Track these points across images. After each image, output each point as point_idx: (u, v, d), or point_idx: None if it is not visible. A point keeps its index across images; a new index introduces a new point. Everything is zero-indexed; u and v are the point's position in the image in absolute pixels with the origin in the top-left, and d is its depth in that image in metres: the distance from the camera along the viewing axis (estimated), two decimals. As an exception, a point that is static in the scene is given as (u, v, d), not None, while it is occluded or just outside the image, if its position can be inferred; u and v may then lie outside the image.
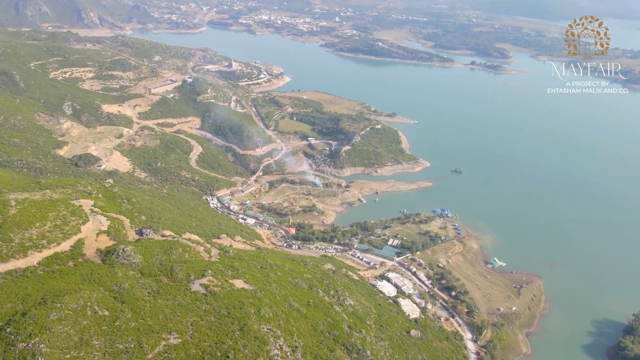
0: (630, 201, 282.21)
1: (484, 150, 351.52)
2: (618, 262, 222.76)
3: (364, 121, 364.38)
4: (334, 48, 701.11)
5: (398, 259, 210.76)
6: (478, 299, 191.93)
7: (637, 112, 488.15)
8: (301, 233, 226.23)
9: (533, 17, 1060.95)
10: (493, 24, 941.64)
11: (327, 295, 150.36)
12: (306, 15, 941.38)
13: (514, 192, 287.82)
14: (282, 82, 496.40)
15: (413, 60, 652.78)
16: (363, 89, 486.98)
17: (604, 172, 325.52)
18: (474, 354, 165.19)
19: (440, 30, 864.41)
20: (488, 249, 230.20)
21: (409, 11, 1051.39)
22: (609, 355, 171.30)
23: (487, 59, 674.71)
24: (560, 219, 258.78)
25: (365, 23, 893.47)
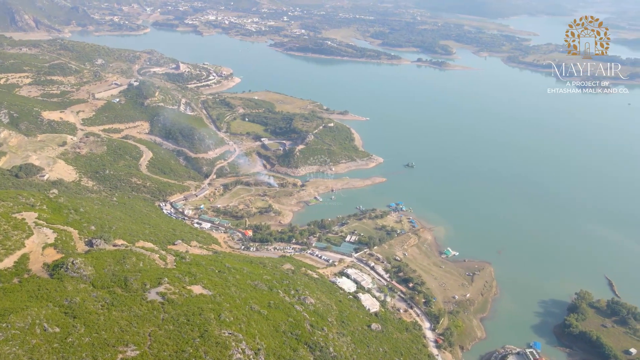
0: (569, 192, 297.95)
1: (434, 144, 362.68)
2: (560, 246, 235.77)
3: (316, 120, 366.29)
4: (283, 47, 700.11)
5: (356, 254, 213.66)
6: (434, 288, 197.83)
7: (578, 107, 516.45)
8: (258, 235, 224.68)
9: (473, 14, 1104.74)
10: (436, 22, 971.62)
11: (288, 295, 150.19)
12: (254, 15, 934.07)
13: (463, 184, 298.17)
14: (232, 83, 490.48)
15: (362, 58, 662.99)
16: (314, 88, 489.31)
17: (547, 165, 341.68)
18: (433, 342, 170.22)
19: (387, 28, 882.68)
20: (441, 239, 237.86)
21: (356, 10, 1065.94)
22: (556, 334, 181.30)
23: (433, 56, 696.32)
24: (506, 209, 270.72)
25: (313, 22, 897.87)
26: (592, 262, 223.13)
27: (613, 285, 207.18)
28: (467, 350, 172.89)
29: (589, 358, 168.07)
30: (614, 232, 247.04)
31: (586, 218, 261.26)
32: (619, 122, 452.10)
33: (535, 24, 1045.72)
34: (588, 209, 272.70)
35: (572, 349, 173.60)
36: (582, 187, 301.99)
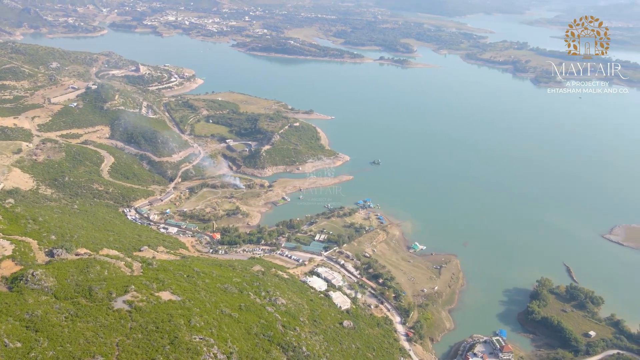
0: (528, 185, 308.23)
1: (399, 141, 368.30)
2: (521, 236, 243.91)
3: (282, 120, 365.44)
4: (245, 48, 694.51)
5: (326, 253, 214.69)
6: (403, 283, 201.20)
7: (533, 102, 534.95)
8: (227, 237, 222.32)
9: (431, 13, 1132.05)
10: (397, 21, 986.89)
11: (259, 297, 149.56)
12: (215, 16, 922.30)
13: (428, 180, 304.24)
14: (194, 85, 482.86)
15: (325, 58, 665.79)
16: (279, 88, 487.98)
17: (505, 159, 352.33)
18: (404, 335, 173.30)
19: (349, 27, 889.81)
20: (409, 234, 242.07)
21: (317, 9, 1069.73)
22: (520, 320, 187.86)
23: (394, 54, 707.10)
24: (470, 202, 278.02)
25: (275, 22, 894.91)
26: (551, 251, 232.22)
27: (571, 272, 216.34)
28: (437, 342, 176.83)
29: (551, 342, 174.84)
30: (569, 222, 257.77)
31: (543, 209, 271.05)
32: (571, 116, 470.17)
33: (490, 22, 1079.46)
34: (545, 201, 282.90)
35: (536, 334, 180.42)
36: (539, 179, 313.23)
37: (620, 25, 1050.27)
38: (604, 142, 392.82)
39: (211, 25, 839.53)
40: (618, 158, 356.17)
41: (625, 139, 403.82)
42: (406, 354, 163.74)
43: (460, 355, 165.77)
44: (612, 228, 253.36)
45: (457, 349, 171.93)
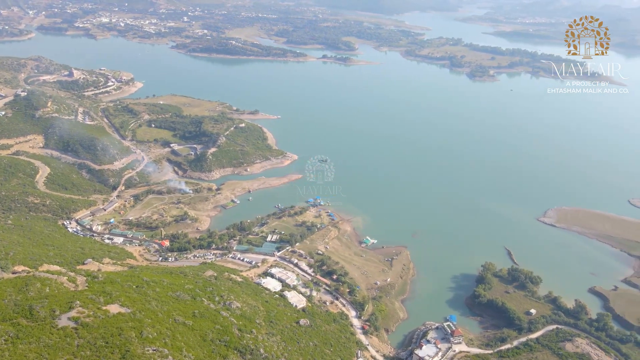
0: (469, 174, 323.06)
1: (346, 137, 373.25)
2: (465, 224, 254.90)
3: (227, 121, 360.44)
4: (186, 49, 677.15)
5: (279, 253, 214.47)
6: (357, 277, 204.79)
7: (470, 95, 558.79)
8: (176, 244, 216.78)
9: (370, 11, 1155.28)
10: (337, 19, 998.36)
11: (213, 302, 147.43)
12: (151, 16, 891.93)
13: (375, 174, 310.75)
14: (134, 89, 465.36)
15: (268, 57, 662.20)
16: (222, 89, 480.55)
17: (447, 150, 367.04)
18: (360, 329, 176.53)
19: (291, 26, 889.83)
20: (360, 229, 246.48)
21: (258, 9, 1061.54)
22: (467, 305, 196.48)
23: (337, 52, 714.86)
24: (416, 194, 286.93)
25: (215, 22, 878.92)
26: (493, 236, 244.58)
27: (512, 255, 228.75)
28: (392, 332, 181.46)
29: (498, 323, 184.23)
30: (507, 208, 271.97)
31: (484, 197, 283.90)
32: (504, 107, 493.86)
33: (426, 20, 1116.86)
34: (485, 190, 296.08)
35: (483, 316, 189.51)
36: (479, 170, 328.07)
37: (544, 20, 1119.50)
38: (534, 132, 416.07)
39: (148, 26, 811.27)
40: (547, 146, 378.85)
41: (553, 128, 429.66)
42: (363, 346, 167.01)
43: (415, 342, 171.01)
44: (546, 211, 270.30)
45: (411, 337, 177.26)
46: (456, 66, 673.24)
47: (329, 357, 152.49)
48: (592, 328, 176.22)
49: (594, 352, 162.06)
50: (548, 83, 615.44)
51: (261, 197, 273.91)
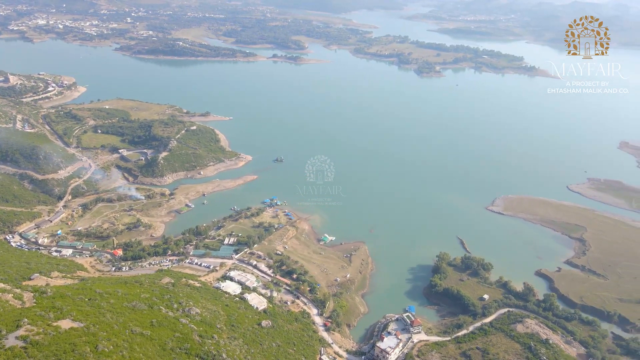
0: (420, 168, 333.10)
1: (300, 136, 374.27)
2: (419, 216, 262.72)
3: (177, 124, 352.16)
4: (131, 51, 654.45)
5: (237, 256, 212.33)
6: (317, 275, 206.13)
7: (418, 90, 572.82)
8: (130, 252, 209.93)
9: (319, 10, 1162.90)
10: (286, 18, 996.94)
11: (171, 310, 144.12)
12: (92, 18, 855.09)
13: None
14: (76, 94, 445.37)
15: (217, 58, 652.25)
16: (171, 92, 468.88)
17: (401, 144, 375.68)
18: (322, 326, 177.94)
19: (239, 26, 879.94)
20: (318, 227, 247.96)
21: (205, 8, 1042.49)
22: (425, 295, 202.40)
23: (287, 51, 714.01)
24: (371, 189, 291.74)
25: (161, 22, 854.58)
26: (446, 226, 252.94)
27: (464, 243, 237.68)
28: (354, 327, 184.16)
29: (454, 310, 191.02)
30: (458, 198, 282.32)
31: (436, 190, 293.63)
32: (451, 102, 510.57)
33: (373, 18, 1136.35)
34: (436, 182, 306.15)
35: (440, 305, 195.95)
36: (430, 162, 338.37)
37: (484, 18, 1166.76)
38: (480, 125, 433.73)
39: (89, 28, 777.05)
40: (492, 139, 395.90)
41: (496, 121, 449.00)
42: (326, 343, 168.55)
43: (376, 335, 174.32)
44: (494, 200, 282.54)
45: (372, 330, 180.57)
46: (404, 63, 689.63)
47: (293, 357, 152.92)
48: (540, 308, 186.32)
49: (543, 331, 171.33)
50: (490, 77, 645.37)
51: (216, 200, 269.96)
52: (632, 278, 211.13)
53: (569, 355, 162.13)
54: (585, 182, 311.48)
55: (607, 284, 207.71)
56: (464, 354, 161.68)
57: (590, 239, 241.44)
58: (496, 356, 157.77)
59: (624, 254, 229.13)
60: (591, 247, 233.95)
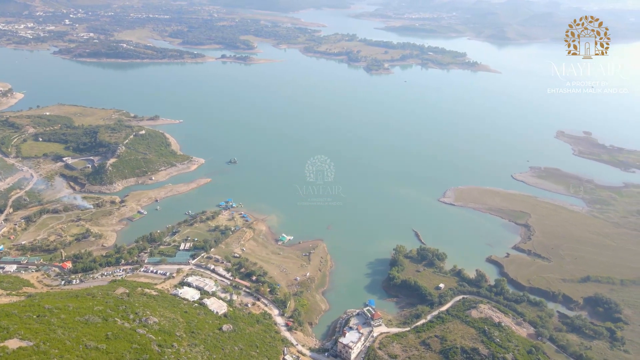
0: (376, 164, 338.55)
1: (252, 136, 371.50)
2: (375, 211, 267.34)
3: (125, 129, 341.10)
4: (71, 54, 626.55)
5: (194, 261, 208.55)
6: (277, 275, 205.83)
7: (368, 87, 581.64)
8: (80, 264, 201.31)
9: (266, 9, 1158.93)
10: (234, 18, 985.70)
11: (127, 321, 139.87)
12: (27, 20, 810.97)
13: (285, 170, 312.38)
14: (13, 100, 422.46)
15: (164, 59, 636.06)
16: (117, 96, 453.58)
17: (354, 141, 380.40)
18: (284, 326, 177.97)
19: (185, 26, 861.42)
20: (275, 227, 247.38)
21: (148, 9, 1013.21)
22: (384, 288, 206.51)
23: (236, 51, 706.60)
24: (327, 187, 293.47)
25: (102, 24, 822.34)
26: (402, 219, 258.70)
27: (419, 235, 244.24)
28: (316, 325, 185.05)
29: (412, 301, 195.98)
30: (412, 191, 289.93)
31: (389, 184, 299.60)
32: (401, 98, 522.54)
33: (321, 16, 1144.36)
34: (390, 176, 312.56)
35: (399, 297, 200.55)
36: (383, 158, 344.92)
37: (428, 15, 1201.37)
38: (429, 119, 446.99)
39: (24, 30, 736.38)
40: (440, 132, 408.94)
41: (443, 114, 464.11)
42: (289, 343, 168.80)
43: (338, 331, 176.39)
44: (445, 192, 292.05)
45: (334, 327, 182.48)
46: (353, 61, 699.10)
47: (256, 359, 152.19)
48: (492, 293, 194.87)
49: (495, 315, 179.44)
50: (436, 73, 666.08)
51: (170, 205, 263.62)
52: (573, 259, 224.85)
53: (519, 336, 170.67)
54: (527, 171, 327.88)
55: (551, 266, 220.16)
56: (423, 342, 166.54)
57: (535, 224, 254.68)
58: (453, 342, 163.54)
59: (565, 237, 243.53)
60: (535, 232, 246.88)
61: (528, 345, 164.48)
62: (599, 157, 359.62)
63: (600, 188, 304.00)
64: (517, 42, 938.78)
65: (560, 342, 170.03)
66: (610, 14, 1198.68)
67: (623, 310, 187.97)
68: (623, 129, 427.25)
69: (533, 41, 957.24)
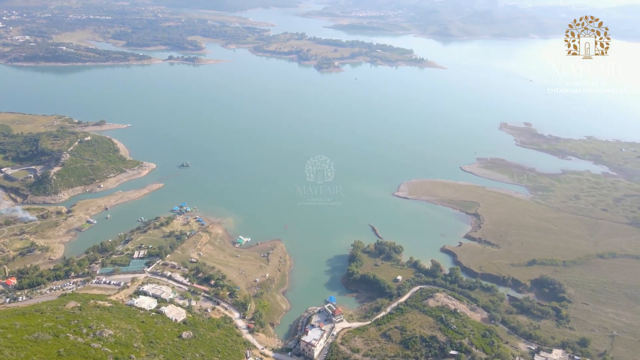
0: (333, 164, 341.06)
1: (205, 139, 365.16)
2: (332, 208, 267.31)
3: (69, 136, 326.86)
4: (6, 59, 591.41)
5: (149, 269, 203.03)
6: (236, 278, 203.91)
7: (320, 86, 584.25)
8: (26, 280, 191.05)
9: (213, 9, 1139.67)
10: (180, 18, 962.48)
11: (80, 335, 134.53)
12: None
13: (239, 172, 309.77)
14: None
15: (108, 62, 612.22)
16: (58, 101, 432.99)
17: (304, 140, 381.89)
18: (245, 328, 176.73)
19: (129, 27, 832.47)
20: (232, 230, 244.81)
21: (88, 10, 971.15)
22: (344, 284, 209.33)
23: (184, 52, 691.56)
24: (282, 187, 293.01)
25: (38, 26, 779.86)
26: (358, 215, 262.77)
27: (376, 230, 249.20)
28: (278, 325, 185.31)
29: (372, 295, 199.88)
30: (368, 187, 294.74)
31: (344, 180, 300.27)
32: (351, 95, 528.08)
33: (269, 16, 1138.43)
34: (344, 173, 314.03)
35: (358, 291, 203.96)
36: (337, 154, 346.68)
37: (374, 14, 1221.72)
38: (380, 114, 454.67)
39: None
40: (392, 128, 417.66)
41: (393, 111, 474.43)
42: (251, 345, 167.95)
43: (300, 330, 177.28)
44: (399, 186, 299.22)
45: (296, 325, 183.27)
46: (304, 59, 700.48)
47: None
48: (447, 282, 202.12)
49: (451, 302, 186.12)
50: (385, 70, 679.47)
51: (121, 212, 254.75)
52: (519, 244, 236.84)
53: (474, 321, 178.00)
54: (475, 162, 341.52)
55: (500, 252, 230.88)
56: (384, 334, 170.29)
57: (483, 213, 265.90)
58: (413, 332, 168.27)
59: (511, 224, 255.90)
60: (485, 221, 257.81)
61: (482, 329, 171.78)
62: (539, 147, 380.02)
63: (541, 176, 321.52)
64: (460, 39, 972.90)
65: (512, 324, 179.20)
66: (542, 10, 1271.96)
67: (567, 290, 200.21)
68: (559, 119, 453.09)
69: (474, 37, 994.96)
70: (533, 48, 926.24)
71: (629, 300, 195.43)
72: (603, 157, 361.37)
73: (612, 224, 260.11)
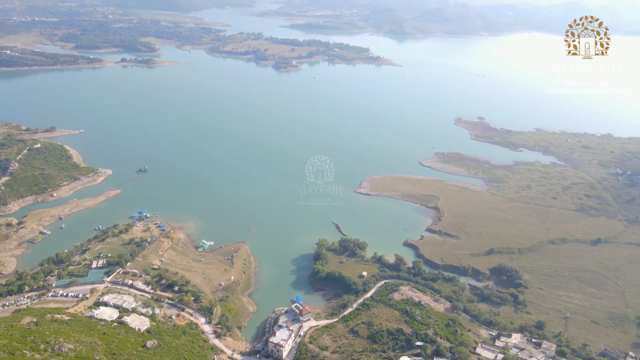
0: (292, 161, 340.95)
1: (161, 142, 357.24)
2: (295, 208, 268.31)
3: (17, 143, 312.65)
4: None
5: (109, 278, 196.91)
6: (200, 283, 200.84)
7: (278, 85, 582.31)
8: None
9: (166, 10, 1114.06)
10: (131, 19, 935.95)
11: (37, 351, 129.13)
12: None
13: (198, 176, 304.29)
14: None
15: (56, 66, 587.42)
16: (3, 108, 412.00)
17: (271, 140, 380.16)
18: (212, 333, 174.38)
19: (78, 29, 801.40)
20: (195, 234, 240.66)
21: (33, 12, 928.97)
22: (310, 282, 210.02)
23: (137, 54, 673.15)
24: (244, 188, 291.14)
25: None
26: (322, 213, 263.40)
27: (339, 227, 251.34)
28: (245, 328, 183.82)
29: (338, 292, 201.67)
30: (330, 184, 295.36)
31: (305, 179, 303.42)
32: (311, 94, 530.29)
33: (224, 16, 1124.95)
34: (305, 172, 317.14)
35: (325, 289, 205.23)
36: (298, 154, 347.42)
37: (330, 13, 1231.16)
38: (338, 112, 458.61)
39: None
40: (353, 126, 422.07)
41: (354, 107, 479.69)
42: (218, 350, 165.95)
43: (268, 331, 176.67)
44: (360, 183, 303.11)
45: (264, 327, 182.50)
46: (261, 59, 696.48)
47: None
48: (411, 275, 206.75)
49: (415, 295, 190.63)
50: (343, 68, 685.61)
51: (77, 222, 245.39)
52: (478, 235, 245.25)
53: (438, 312, 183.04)
54: (433, 157, 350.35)
55: (460, 243, 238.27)
56: (351, 330, 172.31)
57: (443, 206, 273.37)
58: (379, 326, 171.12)
59: (469, 215, 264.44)
60: (444, 213, 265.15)
61: (446, 319, 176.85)
62: (492, 140, 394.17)
63: (495, 168, 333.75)
64: (414, 37, 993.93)
65: (473, 312, 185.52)
66: (490, 8, 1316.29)
67: (523, 276, 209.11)
68: (511, 113, 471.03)
69: (428, 35, 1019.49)
70: (483, 45, 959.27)
71: (579, 283, 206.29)
72: (551, 147, 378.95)
73: (562, 211, 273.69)
